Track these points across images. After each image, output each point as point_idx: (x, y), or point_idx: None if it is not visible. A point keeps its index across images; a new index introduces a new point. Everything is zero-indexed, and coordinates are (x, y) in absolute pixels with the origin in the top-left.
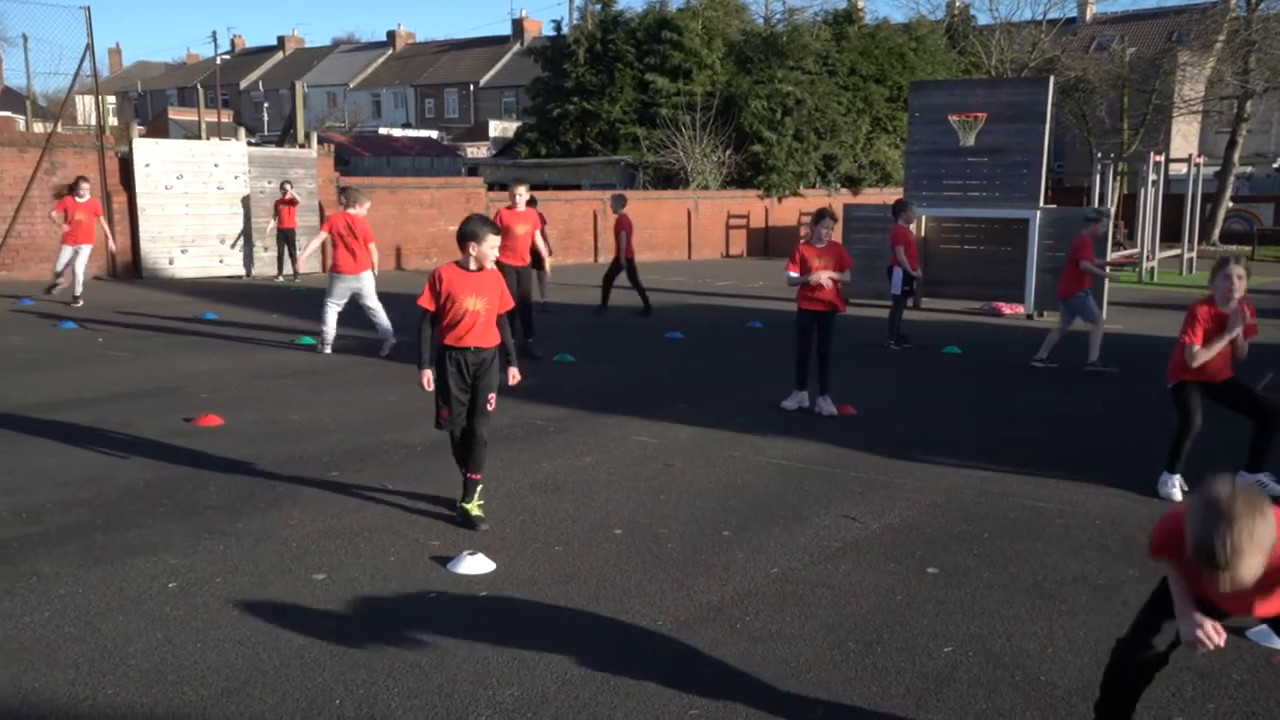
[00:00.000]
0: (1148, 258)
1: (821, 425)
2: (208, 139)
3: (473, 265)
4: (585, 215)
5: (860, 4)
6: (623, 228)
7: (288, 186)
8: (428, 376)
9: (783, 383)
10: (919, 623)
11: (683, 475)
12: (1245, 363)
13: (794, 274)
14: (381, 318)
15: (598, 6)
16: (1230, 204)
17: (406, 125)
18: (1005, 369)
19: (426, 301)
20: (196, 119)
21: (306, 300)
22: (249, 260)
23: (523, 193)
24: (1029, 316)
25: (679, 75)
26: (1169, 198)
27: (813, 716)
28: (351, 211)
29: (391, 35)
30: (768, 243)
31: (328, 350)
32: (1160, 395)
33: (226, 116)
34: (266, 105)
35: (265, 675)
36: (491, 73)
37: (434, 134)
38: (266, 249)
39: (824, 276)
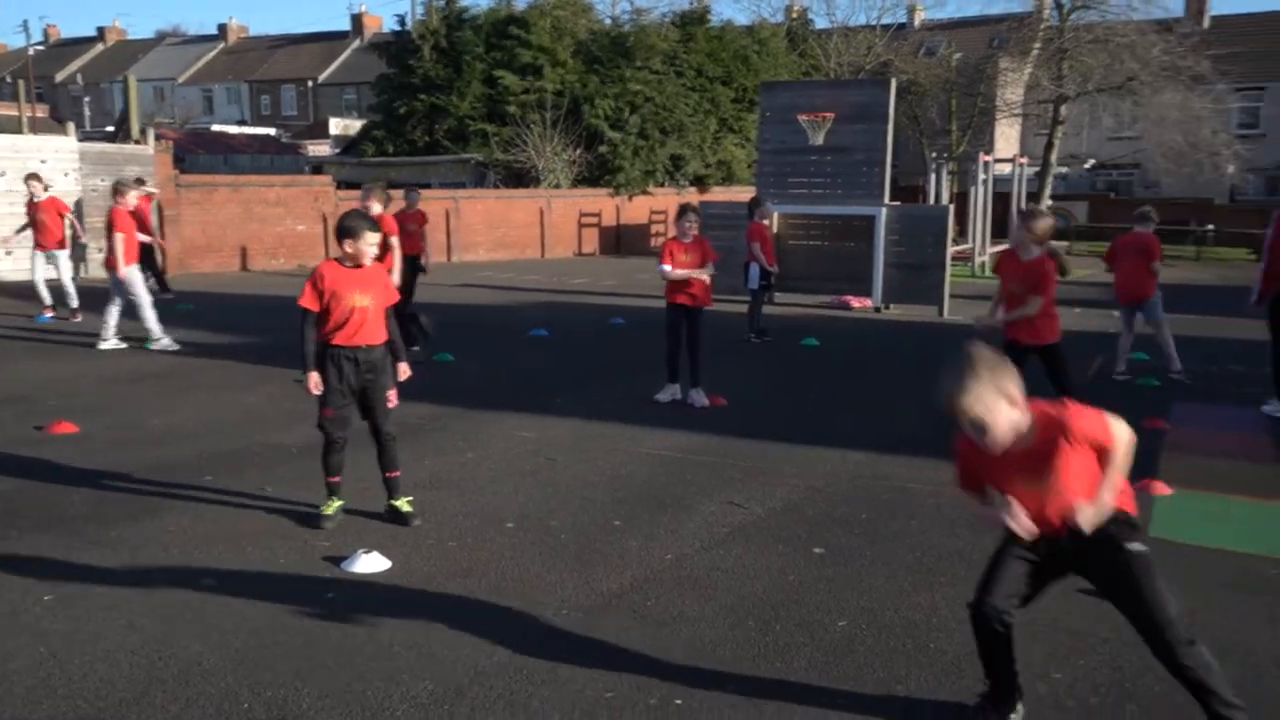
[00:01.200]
0: (979, 253)
1: (697, 417)
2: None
3: (348, 263)
4: (435, 214)
5: (706, 3)
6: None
7: (142, 182)
8: (315, 379)
9: (653, 377)
10: (812, 600)
11: (566, 469)
12: (1077, 347)
13: (668, 267)
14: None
15: (441, 2)
16: (1049, 202)
17: (242, 122)
18: (861, 359)
19: (309, 301)
20: (8, 113)
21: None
22: (80, 261)
23: (375, 207)
24: (877, 309)
25: (528, 72)
26: (996, 196)
27: (723, 692)
28: (119, 205)
29: (223, 28)
30: (619, 241)
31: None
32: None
33: (41, 111)
34: (88, 100)
35: (164, 684)
36: (331, 69)
37: (272, 131)
38: (100, 249)
39: (677, 274)
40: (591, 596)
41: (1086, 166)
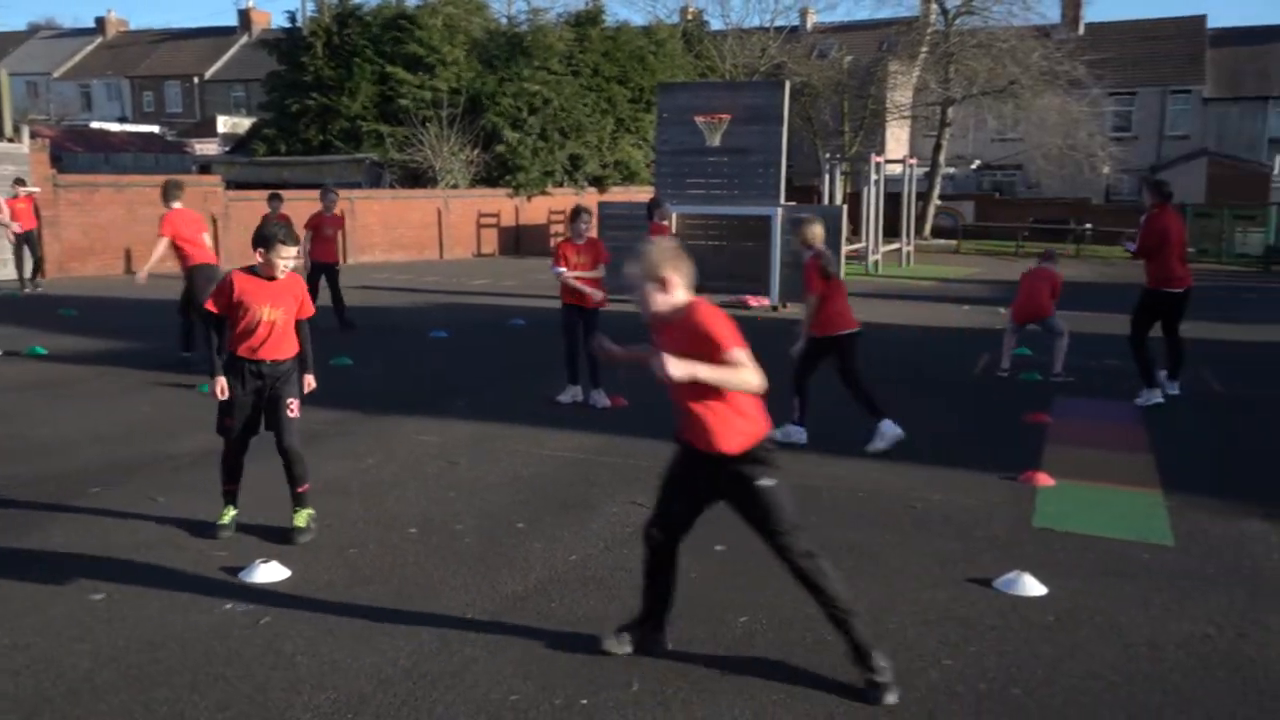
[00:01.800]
0: (872, 251)
1: (598, 417)
2: None
3: (261, 273)
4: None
5: (601, 4)
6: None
7: (22, 182)
8: (222, 384)
9: (554, 378)
10: (714, 596)
11: (469, 471)
12: (965, 345)
13: (562, 269)
14: None
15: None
16: (938, 202)
17: (123, 119)
18: (758, 357)
19: (210, 304)
20: None
21: (28, 307)
22: None
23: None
24: (774, 308)
25: (421, 71)
26: (887, 196)
27: (628, 690)
28: None
29: (101, 22)
30: (519, 241)
31: None
32: (912, 378)
33: None
34: None
35: (52, 703)
36: (217, 65)
37: (156, 129)
38: None
39: (568, 278)
40: (496, 599)
41: (973, 167)
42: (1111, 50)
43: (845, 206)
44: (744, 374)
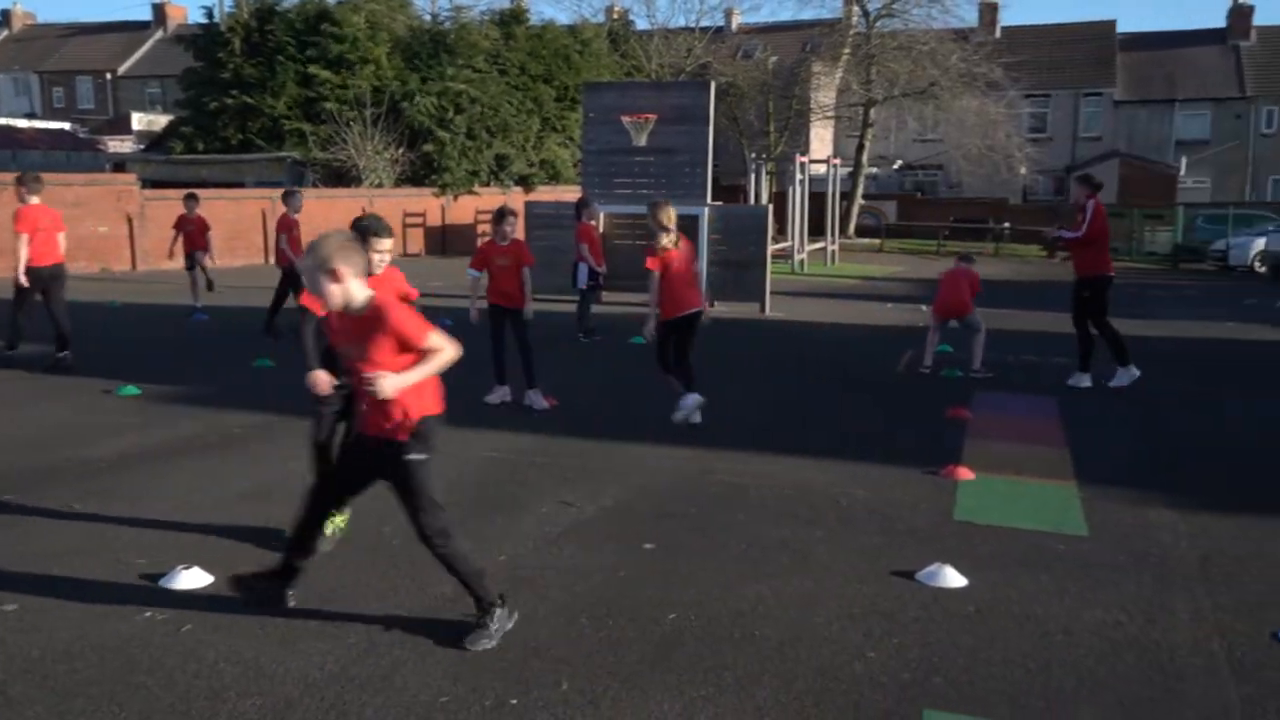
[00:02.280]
0: (798, 250)
1: (527, 418)
2: None
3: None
4: (253, 215)
5: (524, 4)
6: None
7: None
8: (322, 378)
9: (483, 379)
10: (643, 594)
11: None
12: (889, 342)
13: (474, 271)
14: None
15: None
16: (862, 201)
17: (31, 116)
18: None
19: (305, 299)
20: None
21: None
22: None
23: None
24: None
25: (343, 69)
26: (812, 196)
27: (558, 689)
28: None
29: (6, 15)
30: (445, 241)
31: None
32: (840, 376)
33: None
34: None
35: None
36: (131, 61)
37: (66, 126)
38: None
39: (473, 275)
40: (425, 601)
41: (895, 167)
42: (1027, 53)
43: (771, 206)
44: (444, 357)
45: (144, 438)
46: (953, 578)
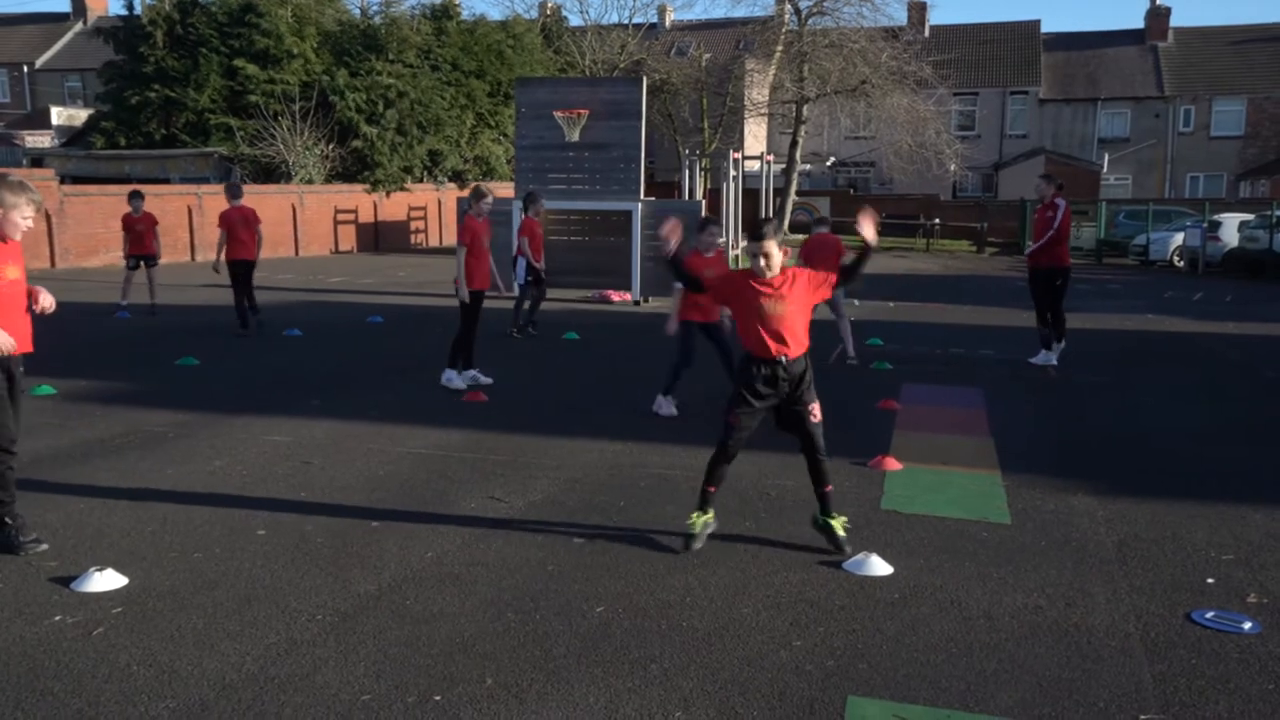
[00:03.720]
0: (733, 246)
1: (458, 412)
2: None
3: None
4: (179, 211)
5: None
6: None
7: None
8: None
9: (412, 375)
10: (571, 588)
11: (322, 472)
12: (819, 335)
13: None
14: None
15: None
16: (796, 198)
17: None
18: (620, 351)
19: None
20: None
21: None
22: None
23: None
24: (636, 302)
25: (270, 63)
26: (746, 192)
27: (482, 684)
28: None
29: None
30: (378, 237)
31: None
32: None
33: None
34: None
35: None
36: (50, 53)
37: None
38: None
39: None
40: (348, 600)
41: (828, 164)
42: (955, 52)
43: (705, 201)
44: None
45: (60, 438)
46: (878, 566)
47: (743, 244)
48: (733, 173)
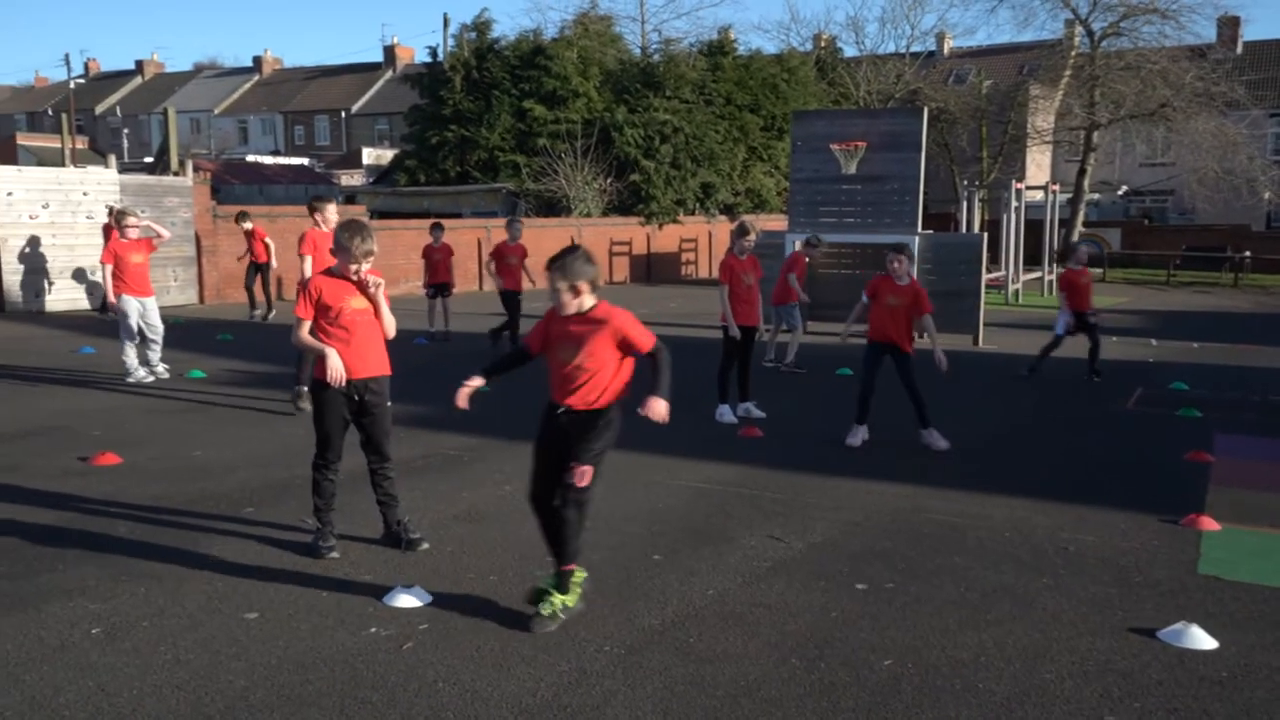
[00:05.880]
0: (1013, 280)
1: (733, 448)
2: (69, 166)
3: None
4: (469, 243)
5: (731, 36)
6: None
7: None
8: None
9: (690, 406)
10: (857, 637)
11: (604, 501)
12: (1113, 377)
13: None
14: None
15: (473, 35)
16: (1082, 229)
17: (276, 153)
18: (895, 388)
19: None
20: (50, 145)
21: (191, 332)
22: None
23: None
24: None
25: (555, 103)
26: (1028, 224)
27: None
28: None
29: (258, 61)
30: (650, 269)
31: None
32: (1058, 414)
33: (81, 143)
34: (126, 131)
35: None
36: (364, 100)
37: (305, 161)
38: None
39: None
40: (633, 633)
41: (1119, 193)
42: (1273, 70)
43: (985, 234)
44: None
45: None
46: (1201, 638)
47: (1023, 277)
48: (1013, 203)
